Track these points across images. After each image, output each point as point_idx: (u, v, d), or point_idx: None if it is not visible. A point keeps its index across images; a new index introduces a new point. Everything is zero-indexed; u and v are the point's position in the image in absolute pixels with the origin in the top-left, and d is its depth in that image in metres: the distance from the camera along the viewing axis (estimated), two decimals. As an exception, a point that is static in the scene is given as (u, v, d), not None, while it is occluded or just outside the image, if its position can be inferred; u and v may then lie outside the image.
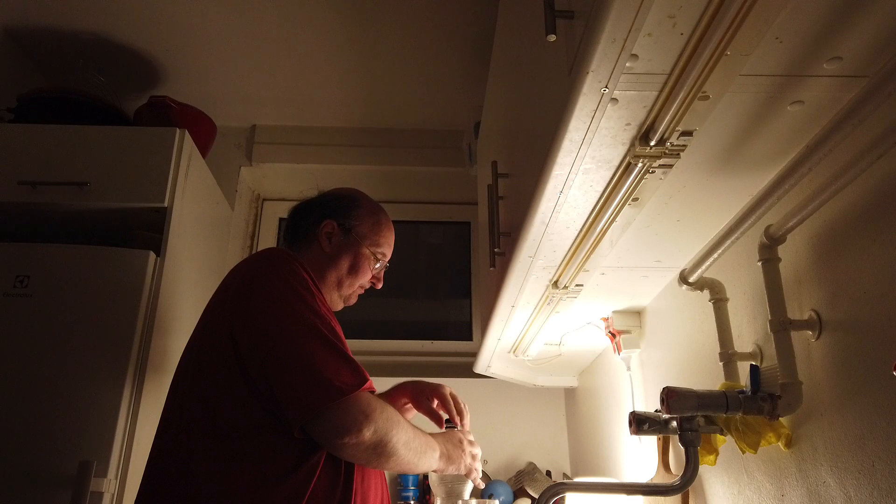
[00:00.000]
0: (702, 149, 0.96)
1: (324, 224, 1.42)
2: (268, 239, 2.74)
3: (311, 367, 1.10)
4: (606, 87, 0.79)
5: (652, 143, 0.88)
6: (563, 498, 1.58)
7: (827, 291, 0.95)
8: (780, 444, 1.03)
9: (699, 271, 1.20)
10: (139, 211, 1.85)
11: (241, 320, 1.16)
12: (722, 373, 1.17)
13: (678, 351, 1.43)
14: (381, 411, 1.13)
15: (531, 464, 2.27)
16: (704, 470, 1.30)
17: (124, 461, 1.56)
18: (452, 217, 2.85)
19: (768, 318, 1.01)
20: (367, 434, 1.10)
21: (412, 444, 1.18)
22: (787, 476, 1.03)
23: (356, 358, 1.19)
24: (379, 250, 1.47)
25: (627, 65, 0.76)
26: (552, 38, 0.84)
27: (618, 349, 1.64)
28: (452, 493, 1.36)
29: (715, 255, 1.15)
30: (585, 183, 1.01)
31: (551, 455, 2.33)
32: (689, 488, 1.26)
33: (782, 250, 1.03)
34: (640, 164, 0.92)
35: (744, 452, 1.08)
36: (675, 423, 1.17)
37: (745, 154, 0.99)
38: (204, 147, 2.16)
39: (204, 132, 2.19)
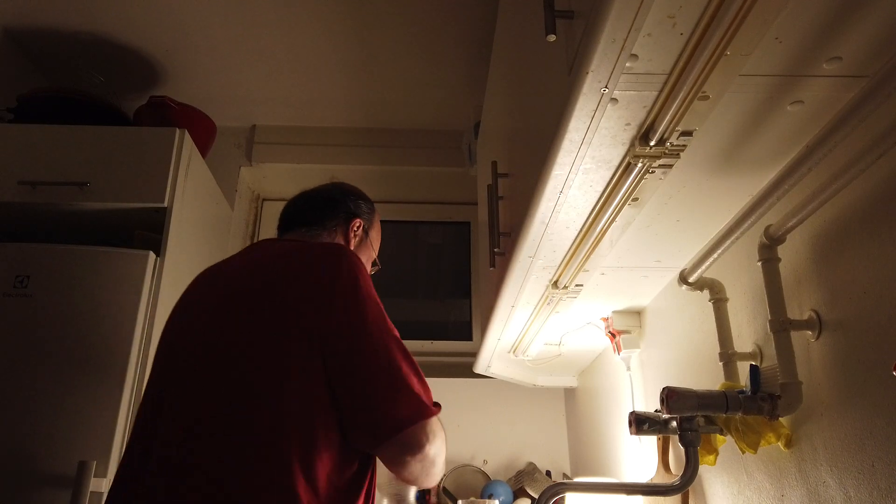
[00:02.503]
0: (702, 149, 0.96)
1: (353, 222, 1.40)
2: (268, 239, 2.73)
3: (403, 383, 1.05)
4: (606, 87, 0.79)
5: (652, 143, 0.88)
6: (563, 498, 1.58)
7: (827, 291, 0.95)
8: (780, 444, 1.03)
9: (699, 271, 1.20)
10: (139, 211, 1.85)
11: (326, 322, 1.06)
12: (722, 373, 1.17)
13: (678, 351, 1.43)
14: (441, 429, 1.11)
15: (531, 464, 2.27)
16: (704, 470, 1.30)
17: (124, 461, 1.57)
18: (452, 217, 2.85)
19: (768, 318, 1.01)
20: (431, 451, 1.06)
21: (442, 462, 1.15)
22: (787, 476, 1.03)
23: None
24: (376, 255, 1.48)
25: (627, 65, 0.77)
26: (552, 38, 0.84)
27: (618, 349, 1.64)
28: (400, 495, 1.36)
29: (715, 255, 1.15)
30: (585, 183, 1.01)
31: (551, 455, 2.33)
32: (689, 488, 1.26)
33: (782, 250, 1.03)
34: (639, 164, 0.92)
35: (744, 452, 1.08)
36: (675, 423, 1.17)
37: (745, 154, 0.99)
38: (204, 147, 2.16)
39: (204, 132, 2.19)
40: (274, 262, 1.17)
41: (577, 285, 1.39)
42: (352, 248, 1.38)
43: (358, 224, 1.41)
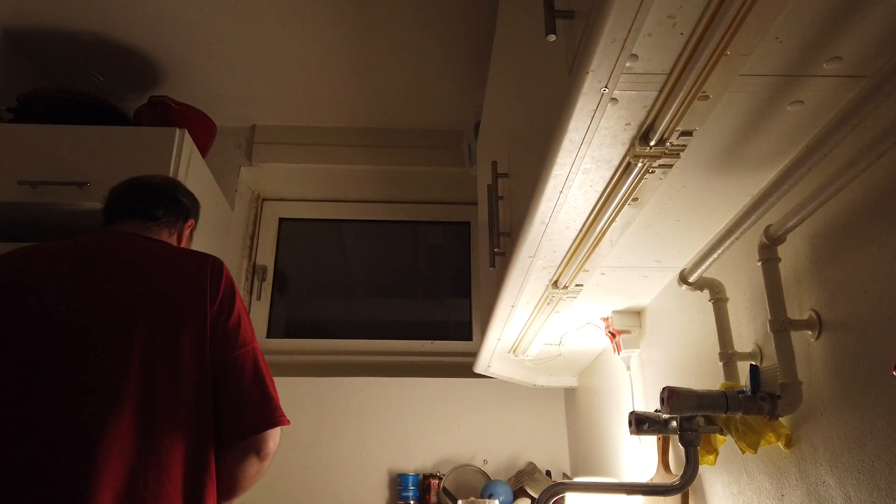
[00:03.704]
0: (702, 149, 0.96)
1: (189, 221, 1.45)
2: (268, 239, 2.74)
3: (268, 389, 1.19)
4: (606, 87, 0.79)
5: (652, 143, 0.88)
6: (562, 498, 1.58)
7: (827, 291, 0.95)
8: (780, 444, 1.03)
9: (699, 271, 1.20)
10: (139, 211, 1.85)
11: (213, 327, 1.17)
12: (722, 373, 1.17)
13: (678, 351, 1.43)
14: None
15: (531, 464, 2.27)
16: (704, 470, 1.30)
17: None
18: (452, 217, 2.85)
19: (768, 318, 1.01)
20: (271, 456, 1.19)
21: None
22: (787, 476, 1.03)
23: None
24: None
25: (627, 65, 0.77)
26: (552, 38, 0.84)
27: (618, 349, 1.65)
28: None
29: (715, 255, 1.15)
30: (585, 183, 1.01)
31: (551, 455, 2.33)
32: (689, 488, 1.26)
33: (782, 250, 1.03)
34: (639, 164, 0.93)
35: (743, 452, 1.08)
36: (675, 423, 1.17)
37: (745, 154, 0.99)
38: (204, 147, 2.16)
39: (204, 132, 2.19)
40: (165, 265, 1.23)
41: (577, 285, 1.39)
42: (183, 245, 1.43)
43: (191, 224, 1.46)
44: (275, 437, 1.17)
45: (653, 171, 0.95)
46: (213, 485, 1.11)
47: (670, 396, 1.06)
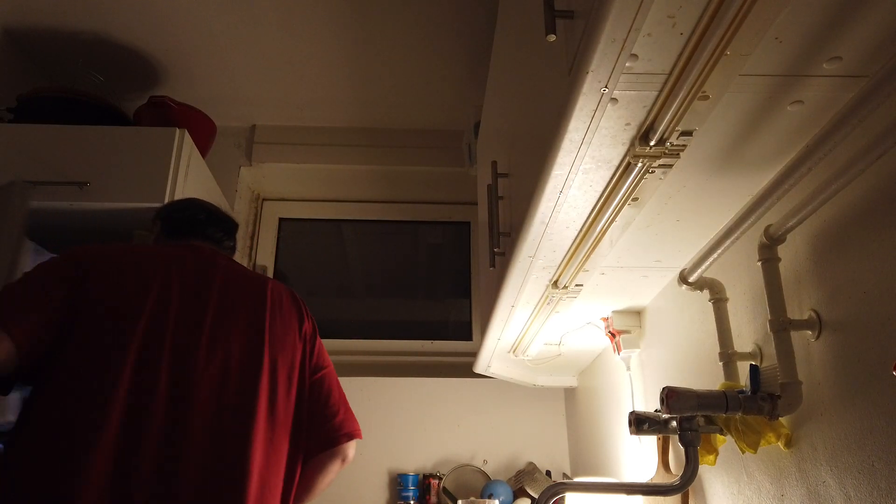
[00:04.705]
0: (702, 149, 0.96)
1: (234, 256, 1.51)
2: (267, 239, 2.74)
3: (348, 404, 1.37)
4: (606, 87, 0.79)
5: (652, 143, 0.88)
6: (562, 498, 1.58)
7: (827, 291, 0.95)
8: (780, 444, 1.03)
9: (699, 271, 1.20)
10: (139, 211, 1.85)
11: (308, 352, 1.33)
12: (722, 373, 1.17)
13: (678, 351, 1.43)
14: None
15: (531, 464, 2.27)
16: (704, 470, 1.30)
17: (124, 461, 1.56)
18: (452, 217, 2.85)
19: (768, 318, 1.01)
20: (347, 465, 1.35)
21: None
22: (787, 476, 1.03)
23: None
24: None
25: (627, 65, 0.77)
26: (552, 38, 0.84)
27: (618, 349, 1.65)
28: None
29: (715, 255, 1.15)
30: (585, 183, 1.01)
31: (551, 455, 2.33)
32: (689, 488, 1.26)
33: (782, 250, 1.03)
34: (639, 164, 0.93)
35: (743, 452, 1.08)
36: (674, 423, 1.17)
37: (745, 154, 0.99)
38: (204, 147, 2.16)
39: (204, 132, 2.19)
40: (265, 287, 1.33)
41: (577, 285, 1.39)
42: None
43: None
44: (354, 446, 1.34)
45: (653, 171, 0.95)
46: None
47: (670, 396, 1.06)
